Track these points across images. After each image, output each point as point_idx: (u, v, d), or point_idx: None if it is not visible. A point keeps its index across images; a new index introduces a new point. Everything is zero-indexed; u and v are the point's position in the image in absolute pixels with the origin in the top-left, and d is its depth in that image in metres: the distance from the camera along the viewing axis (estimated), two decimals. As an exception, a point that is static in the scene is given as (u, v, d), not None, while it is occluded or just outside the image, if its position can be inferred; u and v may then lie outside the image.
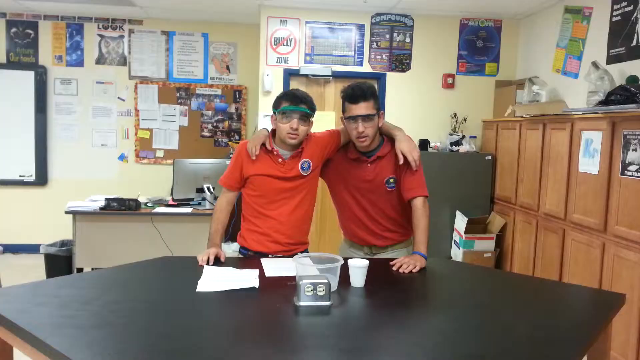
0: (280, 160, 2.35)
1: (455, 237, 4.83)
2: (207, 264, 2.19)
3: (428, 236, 2.31)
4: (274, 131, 2.41)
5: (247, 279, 1.97)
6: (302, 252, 2.40)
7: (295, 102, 2.29)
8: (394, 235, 2.48)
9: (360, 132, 2.30)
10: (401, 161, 2.32)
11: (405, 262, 2.18)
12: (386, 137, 2.45)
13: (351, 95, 2.31)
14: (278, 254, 2.38)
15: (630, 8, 3.62)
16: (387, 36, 5.18)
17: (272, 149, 2.35)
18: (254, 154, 2.32)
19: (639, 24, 3.53)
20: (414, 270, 2.14)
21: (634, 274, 3.01)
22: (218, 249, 2.30)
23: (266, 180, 2.35)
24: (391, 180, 2.41)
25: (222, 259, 2.26)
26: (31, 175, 5.83)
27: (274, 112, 2.35)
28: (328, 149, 2.46)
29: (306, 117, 2.31)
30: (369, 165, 2.41)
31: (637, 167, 3.03)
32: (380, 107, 2.39)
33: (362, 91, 2.29)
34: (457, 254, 4.75)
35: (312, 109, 2.34)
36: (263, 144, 2.36)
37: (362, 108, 2.29)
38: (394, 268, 2.17)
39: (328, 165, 2.51)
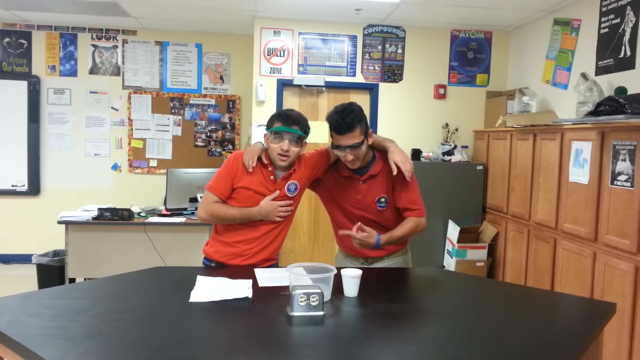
0: (272, 177, 2.33)
1: (448, 247, 4.85)
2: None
3: (399, 238, 2.36)
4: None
5: (240, 289, 1.97)
6: (269, 266, 2.38)
7: (287, 124, 2.26)
8: (389, 246, 2.48)
9: (349, 160, 2.30)
10: (394, 172, 2.31)
11: (361, 237, 2.26)
12: (378, 151, 2.44)
13: (336, 128, 2.27)
14: (241, 266, 2.33)
15: (618, 20, 3.68)
16: (380, 47, 5.23)
17: (267, 164, 2.33)
18: (251, 167, 2.29)
19: (627, 36, 3.59)
20: (358, 246, 2.29)
21: (625, 283, 3.04)
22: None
23: (253, 196, 2.31)
24: (382, 200, 2.40)
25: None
26: (24, 185, 5.80)
27: (267, 131, 2.33)
28: (317, 170, 2.45)
29: (298, 139, 2.29)
30: (361, 183, 2.41)
31: (626, 177, 3.07)
32: (368, 128, 2.34)
33: (346, 123, 2.23)
34: (449, 263, 4.77)
35: (305, 131, 2.31)
36: (259, 158, 2.33)
37: (348, 139, 2.25)
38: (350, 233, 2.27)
39: (320, 182, 2.51)
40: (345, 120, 2.23)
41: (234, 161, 2.34)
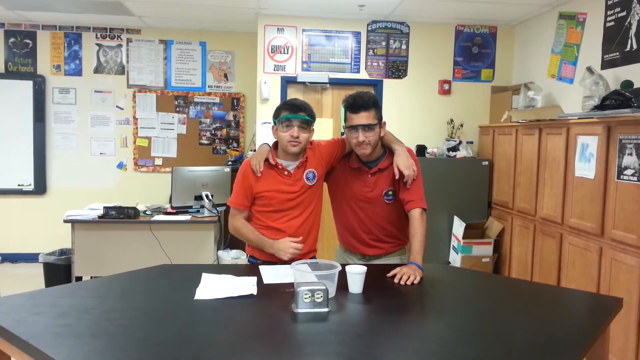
0: (286, 173, 2.36)
1: (453, 243, 4.84)
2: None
3: (424, 248, 2.27)
4: (275, 145, 2.42)
5: (245, 286, 1.98)
6: (310, 258, 2.42)
7: (294, 111, 2.30)
8: (387, 246, 2.49)
9: (361, 141, 2.30)
10: (397, 176, 2.32)
11: (405, 272, 2.13)
12: (388, 149, 2.46)
13: (352, 105, 2.31)
14: (286, 262, 2.38)
15: (624, 13, 3.65)
16: (384, 43, 5.21)
17: (276, 164, 2.36)
18: (259, 171, 2.33)
19: (633, 29, 3.56)
20: (415, 282, 2.10)
21: (632, 278, 3.02)
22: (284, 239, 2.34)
23: (275, 196, 2.35)
24: (390, 192, 2.41)
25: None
26: (30, 185, 5.84)
27: (274, 122, 2.36)
28: (333, 157, 2.47)
29: (306, 125, 2.32)
30: (369, 176, 2.41)
31: (632, 171, 3.05)
32: (382, 116, 2.38)
33: (363, 101, 2.29)
34: (455, 259, 4.76)
35: (312, 117, 2.35)
36: (266, 160, 2.37)
37: (363, 118, 2.28)
38: (395, 280, 2.12)
39: (330, 173, 2.53)
40: (362, 98, 2.30)
41: (244, 171, 2.39)
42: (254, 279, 2.08)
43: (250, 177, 2.37)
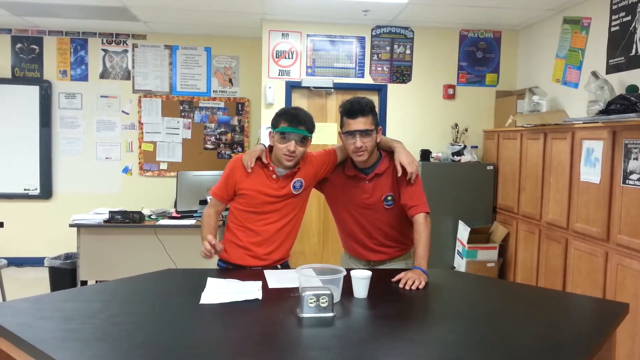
0: (274, 176, 2.34)
1: (458, 247, 4.83)
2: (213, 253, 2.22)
3: (429, 252, 2.26)
4: (270, 147, 2.41)
5: (250, 290, 1.98)
6: (282, 264, 2.44)
7: (294, 124, 2.27)
8: (391, 251, 2.48)
9: (358, 147, 2.29)
10: (399, 173, 2.31)
11: (410, 277, 2.12)
12: (384, 151, 2.45)
13: (349, 110, 2.30)
14: (256, 267, 2.37)
15: (629, 18, 3.65)
16: (388, 48, 5.22)
17: (268, 164, 2.34)
18: (249, 167, 2.32)
19: (638, 34, 3.56)
20: (420, 287, 2.09)
21: (638, 283, 3.00)
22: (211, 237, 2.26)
23: (257, 196, 2.34)
24: (389, 197, 2.40)
25: (218, 248, 2.25)
26: (36, 189, 5.87)
27: (272, 130, 2.34)
28: (323, 169, 2.46)
29: (304, 139, 2.30)
30: (367, 183, 2.40)
31: (638, 176, 3.03)
32: (378, 122, 2.37)
33: (360, 106, 2.28)
34: (460, 264, 4.75)
35: (311, 130, 2.33)
36: (259, 158, 2.36)
37: (360, 123, 2.28)
38: (400, 285, 2.11)
39: (326, 182, 2.51)
40: (360, 103, 2.29)
41: (233, 164, 2.39)
42: (259, 283, 2.08)
43: (237, 173, 2.35)
